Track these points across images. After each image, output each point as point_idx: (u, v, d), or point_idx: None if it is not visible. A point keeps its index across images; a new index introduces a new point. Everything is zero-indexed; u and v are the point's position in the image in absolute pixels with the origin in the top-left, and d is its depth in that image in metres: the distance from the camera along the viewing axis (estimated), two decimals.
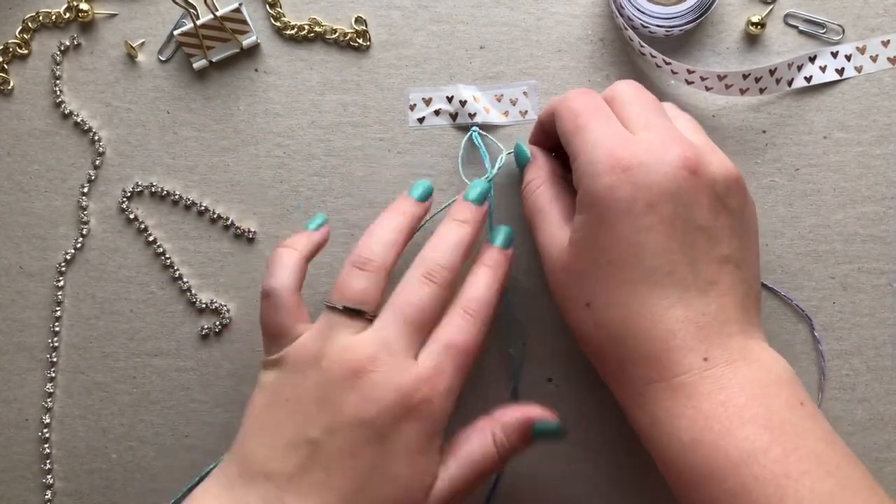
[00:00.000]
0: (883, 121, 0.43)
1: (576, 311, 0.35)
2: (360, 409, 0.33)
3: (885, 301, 0.43)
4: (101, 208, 0.44)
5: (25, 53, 0.45)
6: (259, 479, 0.34)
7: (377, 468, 0.33)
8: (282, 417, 0.34)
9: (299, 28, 0.44)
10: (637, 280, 0.33)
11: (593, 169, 0.34)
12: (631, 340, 0.34)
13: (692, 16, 0.42)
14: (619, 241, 0.33)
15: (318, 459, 0.33)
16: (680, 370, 0.33)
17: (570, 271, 0.35)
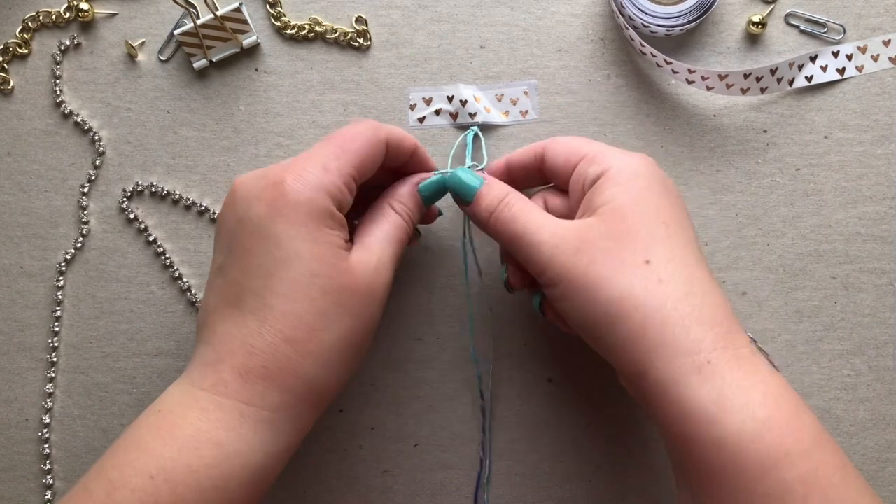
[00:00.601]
0: (884, 120, 0.43)
1: (633, 269, 0.33)
2: (236, 212, 0.34)
3: (886, 301, 0.43)
4: (102, 208, 0.44)
5: (25, 53, 0.45)
6: (199, 332, 0.35)
7: (272, 252, 0.33)
8: (211, 268, 0.36)
9: (300, 28, 0.44)
10: (687, 245, 0.34)
11: (622, 154, 0.36)
12: (697, 299, 0.33)
13: (693, 15, 0.42)
14: (668, 208, 0.35)
15: (227, 278, 0.34)
16: (740, 341, 0.32)
17: (618, 235, 0.34)
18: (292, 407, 0.33)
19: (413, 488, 0.43)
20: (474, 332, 0.43)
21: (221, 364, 0.33)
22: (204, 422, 0.32)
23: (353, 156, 0.36)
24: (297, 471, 0.43)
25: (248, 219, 0.34)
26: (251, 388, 0.33)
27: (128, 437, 0.32)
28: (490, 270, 0.44)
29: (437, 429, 0.43)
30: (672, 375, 0.32)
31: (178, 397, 0.33)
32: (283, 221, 0.33)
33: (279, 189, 0.33)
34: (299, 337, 0.33)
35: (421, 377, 0.43)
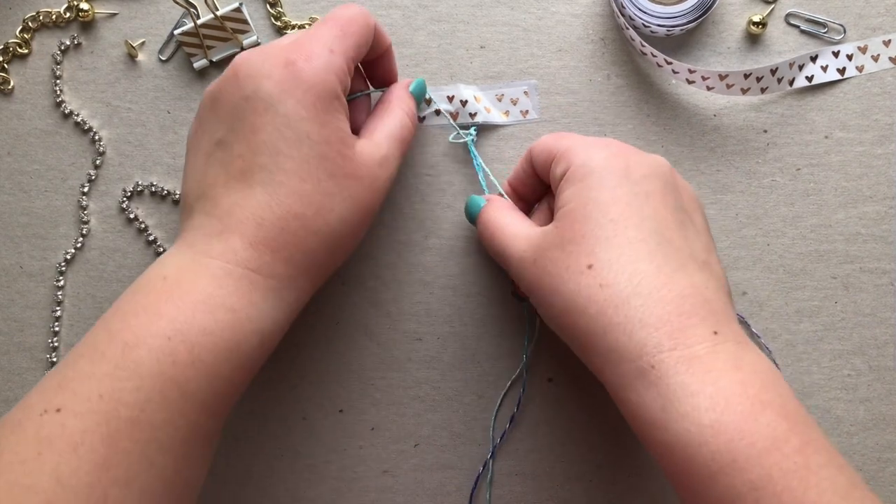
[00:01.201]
0: (884, 120, 0.43)
1: (575, 277, 0.33)
2: (241, 89, 0.35)
3: (886, 301, 0.43)
4: (102, 208, 0.44)
5: (26, 53, 0.44)
6: (196, 203, 0.35)
7: (281, 131, 0.34)
8: (196, 144, 0.37)
9: (300, 28, 0.44)
10: (640, 239, 0.33)
11: (587, 148, 0.36)
12: (639, 300, 0.32)
13: (693, 15, 0.42)
14: (619, 200, 0.34)
15: (229, 153, 0.35)
16: (693, 339, 0.31)
17: (564, 242, 0.34)
18: (295, 279, 0.35)
19: (413, 488, 0.43)
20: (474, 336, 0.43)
21: (230, 234, 0.34)
22: (215, 287, 0.33)
23: (353, 39, 0.36)
24: (297, 471, 0.43)
25: (256, 97, 0.34)
26: (259, 257, 0.34)
27: (134, 302, 0.33)
28: (492, 271, 0.44)
29: (438, 429, 0.43)
30: (620, 380, 0.32)
31: (185, 264, 0.34)
32: (294, 101, 0.34)
33: (290, 70, 0.34)
34: (306, 214, 0.34)
35: (421, 377, 0.43)
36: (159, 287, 0.33)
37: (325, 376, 0.43)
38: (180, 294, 0.32)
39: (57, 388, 0.31)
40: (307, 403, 0.43)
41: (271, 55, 0.35)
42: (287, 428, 0.43)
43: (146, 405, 0.30)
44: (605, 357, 0.32)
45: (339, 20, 0.36)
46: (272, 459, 0.43)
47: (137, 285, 0.34)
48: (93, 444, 0.29)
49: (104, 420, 0.30)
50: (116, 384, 0.30)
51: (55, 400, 0.30)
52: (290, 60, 0.34)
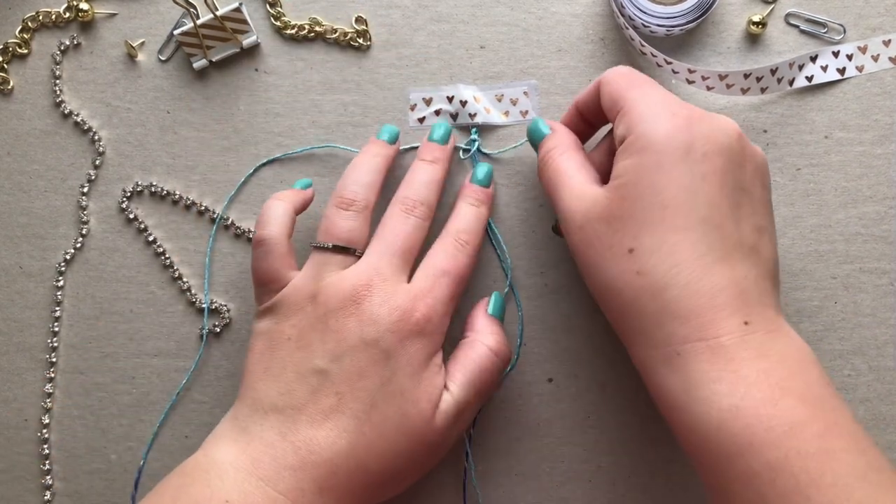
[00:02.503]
0: (884, 120, 0.43)
1: (615, 260, 0.33)
2: (362, 332, 0.35)
3: (886, 301, 0.43)
4: (101, 208, 0.44)
5: (25, 53, 0.44)
6: (271, 414, 0.35)
7: (384, 386, 0.35)
8: (286, 355, 0.36)
9: (299, 28, 0.44)
10: (688, 227, 0.32)
11: (653, 114, 0.34)
12: (674, 291, 0.32)
13: (693, 15, 0.42)
14: (673, 184, 0.33)
15: (327, 386, 0.35)
16: (721, 330, 0.31)
17: (612, 218, 0.34)
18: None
19: (413, 488, 0.43)
20: None
21: (303, 472, 0.34)
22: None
23: (459, 297, 0.39)
24: None
25: (376, 346, 0.35)
26: (324, 501, 0.34)
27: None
28: (489, 271, 0.44)
29: None
30: (647, 361, 0.33)
31: (251, 491, 0.33)
32: (406, 359, 0.35)
33: (414, 330, 0.35)
34: (374, 471, 0.35)
35: None
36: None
37: None
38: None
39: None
40: None
41: (395, 308, 0.35)
42: None
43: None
44: (634, 338, 0.34)
45: (459, 280, 0.38)
46: None
47: (194, 500, 0.33)
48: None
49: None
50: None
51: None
52: (414, 322, 0.35)
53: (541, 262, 0.43)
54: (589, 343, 0.43)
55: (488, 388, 0.38)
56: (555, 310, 0.43)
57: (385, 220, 0.39)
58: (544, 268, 0.43)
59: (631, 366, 0.43)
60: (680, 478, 0.43)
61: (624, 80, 0.36)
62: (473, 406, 0.37)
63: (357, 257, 0.38)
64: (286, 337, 0.36)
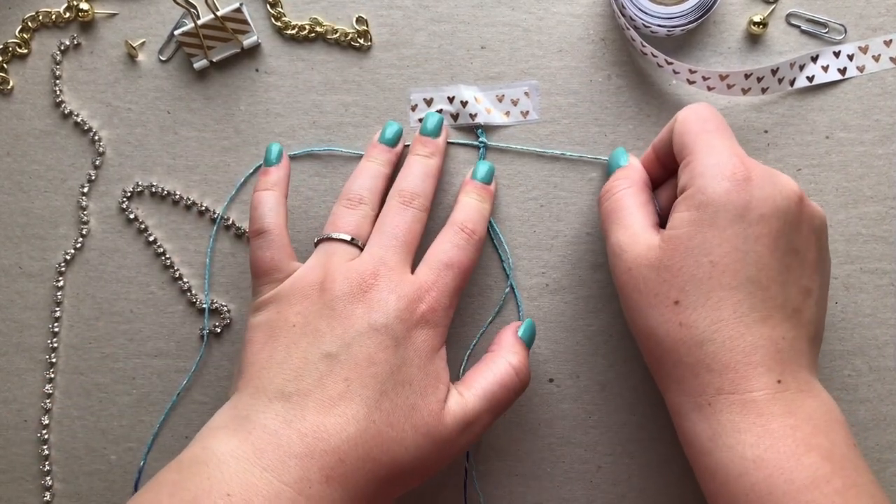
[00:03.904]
0: (885, 120, 0.43)
1: (660, 308, 0.35)
2: (371, 318, 0.35)
3: (887, 301, 0.43)
4: (101, 208, 0.44)
5: (25, 53, 0.44)
6: (276, 402, 0.34)
7: (393, 374, 0.35)
8: (291, 342, 0.35)
9: (300, 28, 0.44)
10: (734, 287, 0.33)
11: (714, 170, 0.34)
12: (713, 346, 0.33)
13: (694, 15, 0.42)
14: (726, 244, 0.33)
15: (336, 371, 0.34)
16: (753, 386, 0.33)
17: (661, 267, 0.35)
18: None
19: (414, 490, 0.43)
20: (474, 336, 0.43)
21: (310, 460, 0.33)
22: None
23: (463, 289, 0.38)
24: None
25: (385, 331, 0.35)
26: (330, 494, 0.33)
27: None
28: (491, 271, 0.43)
29: None
30: (679, 407, 0.35)
31: (253, 483, 0.32)
32: (413, 351, 0.35)
33: (420, 321, 0.36)
34: (382, 460, 0.34)
35: None
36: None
37: None
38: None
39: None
40: None
41: (402, 297, 0.36)
42: None
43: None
44: (669, 383, 0.36)
45: (464, 273, 0.38)
46: None
47: (193, 494, 0.31)
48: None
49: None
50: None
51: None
52: (420, 312, 0.36)
53: (542, 263, 0.43)
54: (589, 343, 0.43)
55: (504, 405, 0.38)
56: (555, 310, 0.43)
57: (384, 214, 0.39)
58: (545, 268, 0.43)
59: (631, 366, 0.43)
60: (679, 478, 0.43)
61: (695, 125, 0.36)
62: (485, 419, 0.37)
63: (361, 250, 0.38)
64: (291, 324, 0.36)
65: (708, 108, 0.37)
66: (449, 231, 0.39)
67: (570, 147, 0.43)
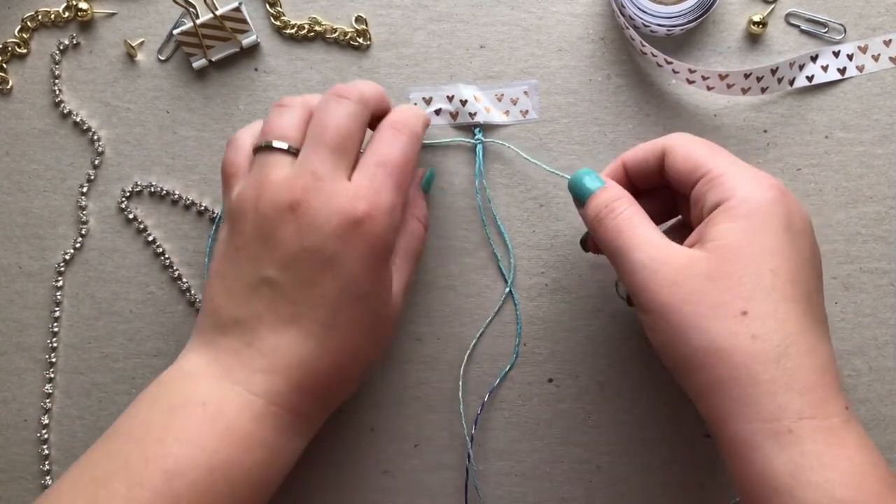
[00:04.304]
0: (885, 120, 0.43)
1: (725, 320, 0.31)
2: (302, 239, 0.34)
3: (886, 301, 0.43)
4: (101, 208, 0.44)
5: (24, 53, 0.44)
6: (232, 325, 0.35)
7: (343, 291, 0.34)
8: (236, 265, 0.35)
9: (299, 27, 0.44)
10: (795, 299, 0.31)
11: (753, 182, 0.33)
12: (790, 362, 0.30)
13: (693, 15, 0.42)
14: (782, 252, 0.32)
15: (280, 295, 0.34)
16: (832, 410, 0.30)
17: (719, 277, 0.32)
18: (322, 416, 0.37)
19: (413, 489, 0.43)
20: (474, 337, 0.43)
21: (275, 375, 0.34)
22: (257, 426, 0.33)
23: (410, 179, 0.37)
24: (296, 471, 0.43)
25: (320, 253, 0.34)
26: (301, 402, 0.35)
27: (172, 427, 0.32)
28: (490, 272, 0.43)
29: (438, 429, 0.43)
30: (749, 437, 0.30)
31: (226, 395, 0.33)
32: (359, 264, 0.34)
33: (358, 231, 0.34)
34: (349, 364, 0.36)
35: (421, 377, 0.43)
36: (199, 415, 0.33)
37: None
38: (223, 428, 0.33)
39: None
40: None
41: (335, 212, 0.34)
42: None
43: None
44: (735, 410, 0.31)
45: (401, 168, 0.36)
46: None
47: (169, 401, 0.33)
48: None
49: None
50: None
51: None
52: (357, 220, 0.34)
53: (541, 263, 0.43)
54: (589, 343, 0.43)
55: (420, 255, 0.40)
56: (555, 310, 0.43)
57: (316, 111, 0.36)
58: (545, 268, 0.43)
59: (631, 366, 0.43)
60: (679, 478, 0.43)
61: (704, 147, 0.35)
62: (412, 276, 0.39)
63: (294, 154, 0.36)
64: (235, 247, 0.35)
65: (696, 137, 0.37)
66: (379, 132, 0.37)
67: (569, 146, 0.43)
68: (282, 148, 0.35)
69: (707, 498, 0.42)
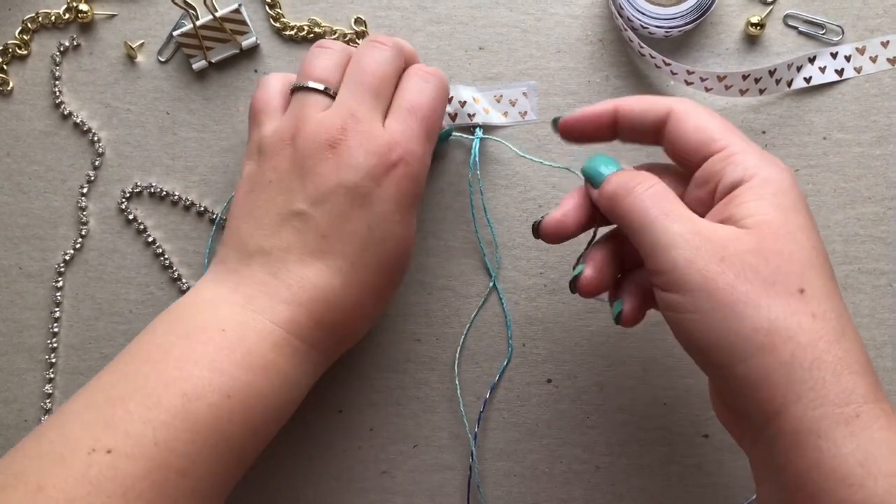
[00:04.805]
0: (882, 121, 0.43)
1: (784, 299, 0.29)
2: (339, 176, 0.35)
3: (885, 302, 0.43)
4: (101, 209, 0.44)
5: (25, 54, 0.45)
6: (258, 256, 0.35)
7: (372, 230, 0.35)
8: (267, 198, 0.36)
9: (299, 29, 0.44)
10: (832, 277, 0.31)
11: (771, 161, 0.32)
12: (847, 343, 0.29)
13: (692, 17, 0.42)
14: (814, 231, 0.31)
15: (311, 228, 0.35)
16: (882, 395, 0.28)
17: (770, 253, 0.30)
18: (337, 351, 0.37)
19: (412, 489, 0.43)
20: (473, 337, 0.43)
21: (298, 307, 0.34)
22: (276, 354, 0.34)
23: (438, 127, 0.38)
24: (296, 471, 0.43)
25: (356, 190, 0.35)
26: (321, 336, 0.35)
27: (191, 350, 0.33)
28: (482, 274, 0.44)
29: (437, 429, 0.43)
30: (814, 424, 0.28)
31: (247, 321, 0.34)
32: (392, 204, 0.35)
33: (393, 173, 0.35)
34: (368, 304, 0.36)
35: (420, 378, 0.43)
36: (218, 340, 0.33)
37: (323, 377, 0.43)
38: (242, 354, 0.33)
39: (105, 427, 0.30)
40: (306, 404, 0.43)
41: (372, 153, 0.35)
42: (286, 428, 0.43)
43: (197, 458, 0.31)
44: (798, 395, 0.28)
45: (431, 113, 0.37)
46: (271, 460, 0.43)
47: (187, 327, 0.34)
48: (142, 491, 0.29)
49: (156, 467, 0.30)
50: (173, 434, 0.31)
51: (105, 439, 0.30)
52: (392, 163, 0.35)
53: (540, 263, 0.43)
54: (588, 344, 0.43)
55: None
56: (554, 310, 0.43)
57: (355, 55, 0.38)
58: (543, 268, 0.43)
59: (630, 367, 0.43)
60: (679, 478, 0.43)
61: (716, 120, 0.33)
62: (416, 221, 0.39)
63: (333, 97, 0.37)
64: (268, 180, 0.36)
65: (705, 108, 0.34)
66: (410, 76, 0.38)
67: (568, 147, 0.43)
68: (319, 89, 0.37)
69: (707, 498, 0.43)
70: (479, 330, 0.43)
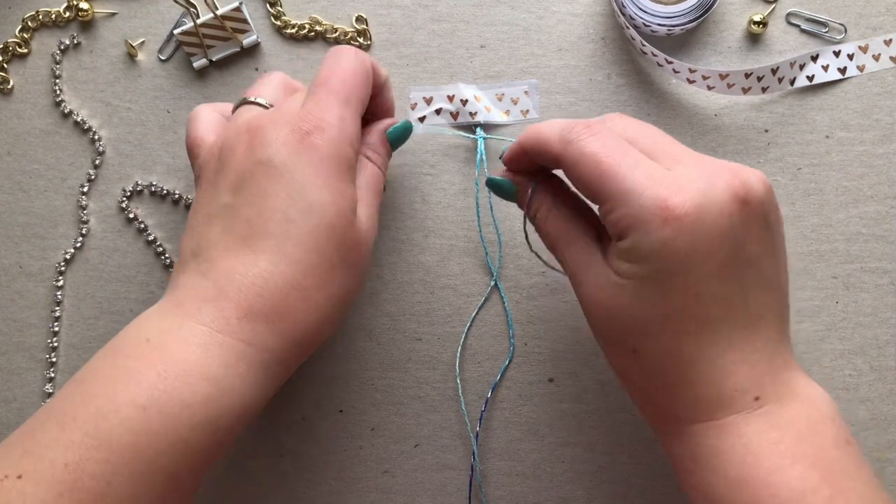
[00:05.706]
0: (885, 120, 0.43)
1: (620, 356, 0.34)
2: (254, 154, 0.34)
3: (887, 300, 0.43)
4: (101, 208, 0.44)
5: (25, 52, 0.44)
6: (191, 261, 0.34)
7: (293, 199, 0.33)
8: (199, 203, 0.36)
9: (300, 27, 0.44)
10: (692, 332, 0.32)
11: (642, 221, 0.31)
12: (681, 389, 0.32)
13: (694, 15, 0.42)
14: (676, 294, 0.31)
15: (235, 216, 0.34)
16: (731, 411, 0.32)
17: (614, 316, 0.33)
18: (286, 351, 0.33)
19: (413, 489, 0.43)
20: (475, 336, 0.43)
21: (225, 301, 0.32)
22: (201, 356, 0.31)
23: (357, 95, 0.36)
24: (297, 471, 0.43)
25: (270, 163, 0.34)
26: (254, 329, 0.32)
27: (113, 365, 0.31)
28: (482, 273, 0.43)
29: (438, 429, 0.43)
30: (663, 437, 0.35)
31: (170, 327, 0.32)
32: (311, 170, 0.34)
33: (308, 141, 0.34)
34: (309, 286, 0.33)
35: (421, 377, 0.43)
36: (141, 350, 0.31)
37: (324, 376, 0.43)
38: (162, 360, 0.31)
39: (22, 453, 0.29)
40: (307, 403, 0.43)
41: (284, 125, 0.34)
42: (287, 428, 0.43)
43: (113, 478, 0.29)
44: (644, 411, 0.35)
45: (343, 82, 0.36)
46: (272, 459, 0.43)
47: (117, 344, 0.32)
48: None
49: (67, 490, 0.28)
50: (84, 453, 0.29)
51: (19, 464, 0.29)
52: (304, 131, 0.34)
53: (541, 263, 0.43)
54: (589, 343, 0.43)
55: (381, 192, 0.38)
56: (555, 310, 0.43)
57: None
58: (545, 267, 0.43)
59: None
60: None
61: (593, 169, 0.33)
62: (377, 211, 0.37)
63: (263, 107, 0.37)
64: (203, 190, 0.36)
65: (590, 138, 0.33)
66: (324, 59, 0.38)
67: None
68: (259, 102, 0.37)
69: None
70: (481, 329, 0.43)
